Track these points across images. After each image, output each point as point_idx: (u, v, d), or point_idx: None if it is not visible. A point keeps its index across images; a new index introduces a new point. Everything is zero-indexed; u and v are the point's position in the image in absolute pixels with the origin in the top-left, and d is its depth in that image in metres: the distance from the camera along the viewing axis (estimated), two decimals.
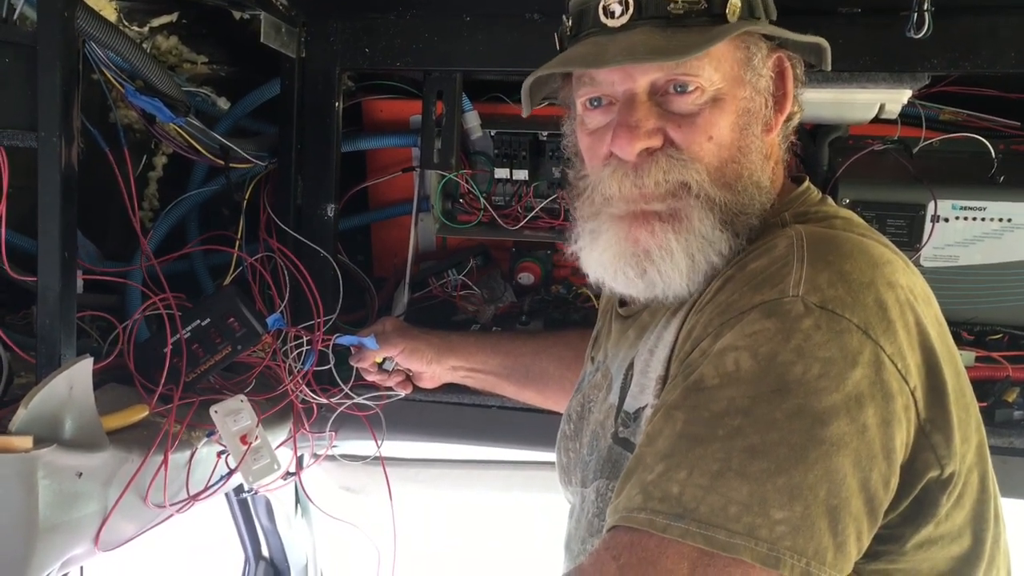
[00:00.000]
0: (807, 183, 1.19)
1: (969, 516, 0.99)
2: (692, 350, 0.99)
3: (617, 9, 1.07)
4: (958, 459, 0.94)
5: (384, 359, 1.73)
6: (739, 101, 1.09)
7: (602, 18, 1.09)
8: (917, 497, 0.94)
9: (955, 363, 1.00)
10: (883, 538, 0.94)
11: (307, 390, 1.68)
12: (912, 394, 0.91)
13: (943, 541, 0.97)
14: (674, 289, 1.09)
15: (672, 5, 1.05)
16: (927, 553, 0.97)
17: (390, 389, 1.76)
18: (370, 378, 1.74)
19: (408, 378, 1.77)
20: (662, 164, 1.07)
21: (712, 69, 1.07)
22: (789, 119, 1.18)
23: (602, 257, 1.14)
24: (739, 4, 1.06)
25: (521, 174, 1.87)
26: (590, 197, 1.15)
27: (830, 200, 1.18)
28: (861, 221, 1.12)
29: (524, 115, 1.25)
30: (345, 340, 1.69)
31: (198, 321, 1.54)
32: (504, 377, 1.71)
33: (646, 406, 1.09)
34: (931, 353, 0.94)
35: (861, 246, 0.98)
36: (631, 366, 1.17)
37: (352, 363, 1.72)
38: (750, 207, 1.09)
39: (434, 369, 1.71)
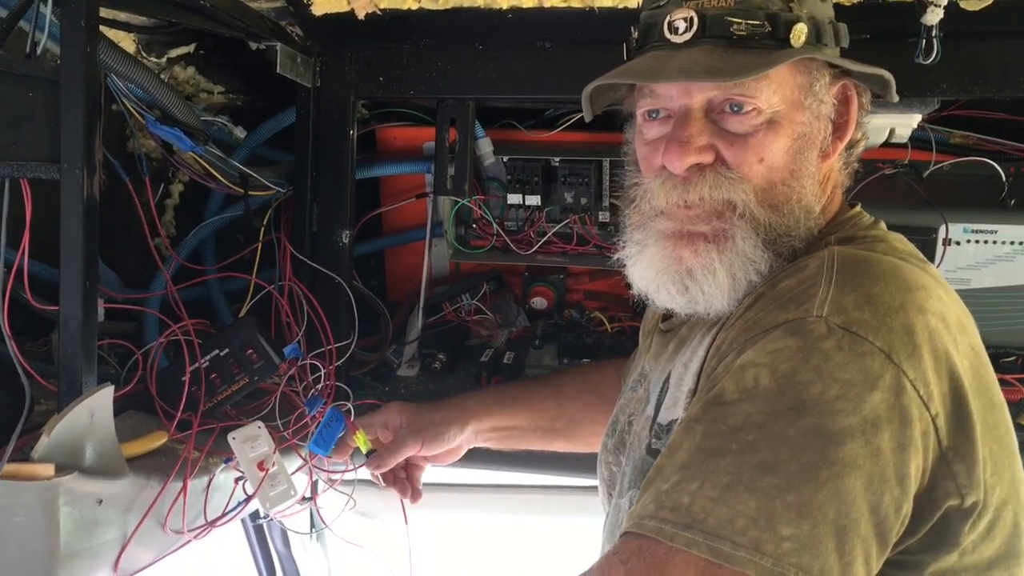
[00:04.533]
0: (859, 207, 1.19)
1: (1001, 551, 0.98)
2: (718, 365, 1.00)
3: (682, 26, 1.08)
4: (982, 490, 0.93)
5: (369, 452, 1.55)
6: (796, 126, 1.10)
7: (667, 33, 1.10)
8: (936, 525, 0.93)
9: (989, 395, 0.99)
10: (901, 564, 0.94)
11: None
12: (933, 421, 0.91)
13: (967, 573, 0.96)
14: (715, 307, 1.10)
15: (735, 26, 1.06)
16: None
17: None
18: (373, 475, 1.59)
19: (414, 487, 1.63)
20: (709, 180, 1.09)
21: (771, 92, 1.08)
22: (852, 146, 1.18)
23: (646, 272, 1.16)
24: (805, 29, 1.07)
25: (533, 199, 1.89)
26: (639, 206, 1.17)
27: (882, 225, 1.17)
28: (908, 247, 1.11)
29: (587, 119, 1.27)
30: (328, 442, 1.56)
31: (217, 351, 1.56)
32: (530, 431, 1.63)
33: (678, 419, 1.09)
34: (958, 382, 0.93)
35: (895, 270, 0.98)
36: (668, 379, 1.17)
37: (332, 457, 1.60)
38: (795, 230, 1.10)
39: (460, 441, 1.59)
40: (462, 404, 1.62)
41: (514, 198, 1.90)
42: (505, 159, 1.90)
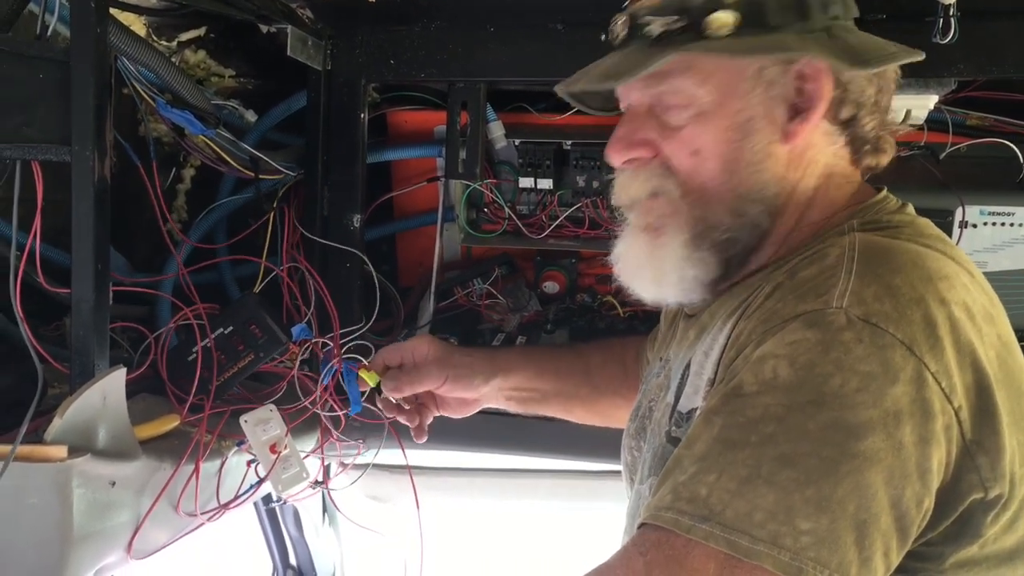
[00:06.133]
0: (885, 191, 1.14)
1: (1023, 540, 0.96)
2: (737, 356, 0.99)
3: (617, 29, 1.10)
4: (1007, 482, 0.92)
5: (379, 384, 1.49)
6: (732, 114, 1.07)
7: (610, 36, 1.12)
8: (960, 517, 0.92)
9: (1018, 385, 0.96)
10: (922, 555, 0.93)
11: (333, 401, 1.68)
12: (956, 414, 0.89)
13: (988, 563, 0.95)
14: (660, 298, 1.17)
15: (649, 26, 1.05)
16: (968, 573, 0.95)
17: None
18: (390, 413, 1.55)
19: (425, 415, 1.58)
20: (642, 175, 1.12)
21: (694, 84, 1.06)
22: (850, 124, 1.10)
23: (618, 266, 1.20)
24: (725, 18, 1.02)
25: (545, 183, 1.88)
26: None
27: (910, 208, 1.13)
28: (934, 232, 1.07)
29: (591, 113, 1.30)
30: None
31: (221, 329, 1.56)
32: (552, 396, 1.60)
33: (697, 408, 1.08)
34: (983, 374, 0.91)
35: (916, 259, 0.96)
36: (688, 366, 1.16)
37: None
38: (733, 224, 1.09)
39: (482, 394, 1.55)
40: (492, 356, 1.60)
41: (526, 182, 1.89)
42: (517, 142, 1.89)
